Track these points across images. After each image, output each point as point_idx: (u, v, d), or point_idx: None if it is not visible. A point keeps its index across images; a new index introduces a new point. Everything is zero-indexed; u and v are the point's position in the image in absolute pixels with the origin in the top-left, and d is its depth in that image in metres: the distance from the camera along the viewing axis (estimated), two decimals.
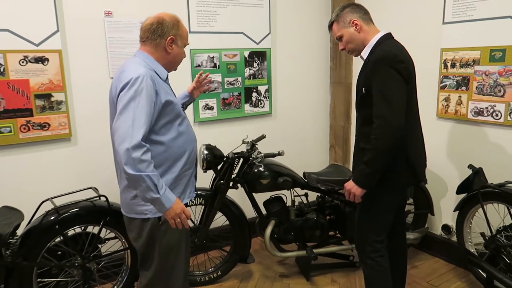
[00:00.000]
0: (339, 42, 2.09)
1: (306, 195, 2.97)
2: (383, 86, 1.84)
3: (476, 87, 2.71)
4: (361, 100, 2.00)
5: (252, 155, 2.69)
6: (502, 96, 2.58)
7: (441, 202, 3.06)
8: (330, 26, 2.10)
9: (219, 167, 2.68)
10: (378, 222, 2.07)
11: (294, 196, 2.88)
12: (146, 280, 1.91)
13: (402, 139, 1.86)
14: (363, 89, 1.95)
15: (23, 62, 2.39)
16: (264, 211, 2.87)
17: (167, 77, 1.88)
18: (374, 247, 2.08)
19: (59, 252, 2.26)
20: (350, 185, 1.98)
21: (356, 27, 1.99)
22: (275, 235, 2.85)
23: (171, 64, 1.89)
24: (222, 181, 2.64)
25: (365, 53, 2.01)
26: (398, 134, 1.83)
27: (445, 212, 3.04)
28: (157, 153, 1.75)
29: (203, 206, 2.74)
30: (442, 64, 2.88)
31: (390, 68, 1.83)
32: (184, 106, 2.26)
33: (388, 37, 2.00)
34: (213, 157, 2.60)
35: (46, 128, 2.51)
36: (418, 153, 2.02)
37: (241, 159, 2.72)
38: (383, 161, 1.87)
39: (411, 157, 1.95)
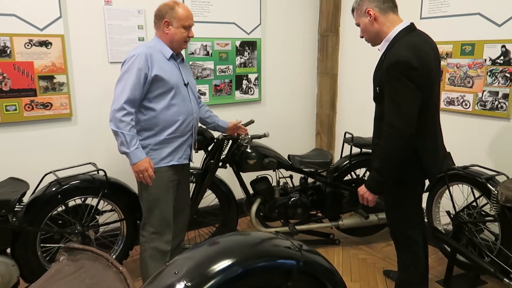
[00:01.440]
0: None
1: (290, 177, 3.18)
2: (394, 94, 1.80)
3: (449, 78, 2.93)
4: (377, 97, 1.98)
5: (240, 137, 2.90)
6: (471, 87, 2.80)
7: None
8: (352, 12, 2.06)
9: (209, 148, 2.88)
10: (404, 211, 2.07)
11: (279, 177, 3.10)
12: (142, 222, 2.37)
13: (412, 148, 1.86)
14: (377, 88, 1.94)
15: (28, 45, 2.57)
16: (251, 191, 3.09)
17: (172, 56, 2.24)
18: (406, 235, 2.09)
19: (60, 221, 2.47)
20: (362, 190, 2.02)
21: (370, 17, 1.92)
22: (261, 213, 3.07)
23: (173, 43, 2.22)
24: (212, 161, 2.84)
25: (382, 47, 1.94)
26: (407, 143, 1.82)
27: None
28: (148, 117, 2.19)
29: (194, 184, 2.95)
30: None
31: (402, 75, 1.76)
32: (215, 128, 2.71)
33: (409, 29, 1.89)
34: (204, 138, 2.80)
35: (48, 108, 2.70)
36: (433, 158, 2.00)
37: (230, 141, 2.92)
38: (392, 168, 1.88)
39: (423, 161, 1.94)
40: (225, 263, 0.94)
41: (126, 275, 0.83)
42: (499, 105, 2.67)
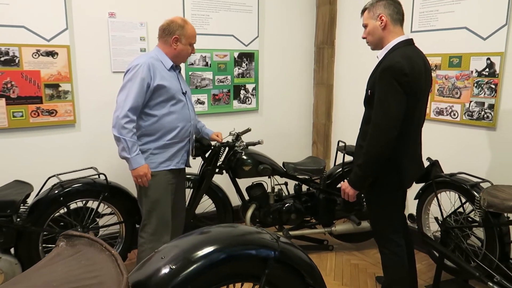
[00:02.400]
0: (364, 29, 2.13)
1: (286, 184, 3.29)
2: (383, 95, 1.91)
3: (438, 89, 3.04)
4: (367, 101, 2.09)
5: (236, 145, 3.01)
6: (458, 97, 2.91)
7: (409, 194, 3.37)
8: (363, 12, 2.12)
9: (206, 155, 2.99)
10: (385, 216, 2.17)
11: (275, 184, 3.20)
12: (141, 224, 2.48)
13: (393, 148, 1.95)
14: (369, 91, 2.04)
15: (35, 55, 2.71)
16: (246, 197, 3.19)
17: (172, 67, 2.39)
18: (389, 238, 2.17)
19: (62, 223, 2.58)
20: (345, 185, 2.13)
21: (381, 23, 2.01)
22: (257, 219, 3.17)
23: (177, 58, 2.39)
24: (209, 167, 2.95)
25: (381, 54, 2.06)
26: (390, 143, 1.92)
27: (411, 202, 3.36)
28: (150, 123, 2.33)
29: (191, 189, 3.05)
30: None
31: (393, 79, 1.88)
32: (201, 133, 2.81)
33: (407, 43, 2.02)
34: (201, 145, 2.90)
35: (53, 115, 2.83)
36: (410, 165, 2.09)
37: (227, 148, 3.03)
38: (373, 165, 1.98)
39: (401, 168, 2.04)
40: (207, 250, 1.04)
41: (117, 257, 0.94)
42: (485, 115, 2.77)
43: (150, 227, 2.42)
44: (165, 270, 0.99)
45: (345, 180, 2.15)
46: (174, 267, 0.99)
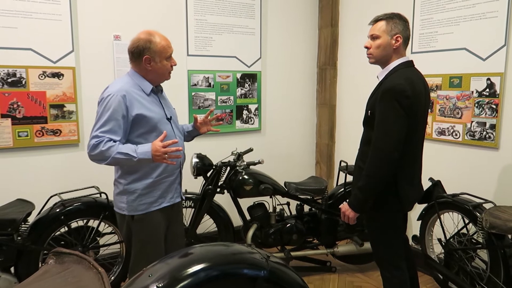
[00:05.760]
0: (370, 40, 2.05)
1: (288, 204, 3.27)
2: (384, 117, 1.90)
3: (439, 109, 3.04)
4: (366, 121, 2.08)
5: (237, 164, 3.02)
6: (460, 118, 2.90)
7: (411, 214, 3.34)
8: (376, 21, 2.04)
9: (208, 174, 3.01)
10: (386, 240, 2.12)
11: (276, 204, 3.19)
12: (130, 266, 2.21)
13: (394, 170, 1.94)
14: (369, 111, 2.03)
15: (41, 77, 2.79)
16: (248, 217, 3.18)
17: (153, 90, 2.07)
18: (391, 262, 2.13)
19: (63, 242, 2.59)
20: (345, 207, 2.09)
21: (396, 43, 1.99)
22: (259, 240, 3.14)
23: (157, 77, 2.07)
24: (210, 187, 2.96)
25: (381, 74, 2.04)
26: (391, 166, 1.91)
27: (415, 223, 3.31)
28: None
29: (193, 209, 3.05)
30: None
31: (395, 101, 1.87)
32: (191, 137, 2.46)
33: (407, 64, 2.02)
34: (203, 165, 2.94)
35: (58, 134, 2.88)
36: (409, 188, 2.04)
37: (228, 167, 3.05)
38: (375, 188, 1.96)
39: (400, 191, 2.01)
40: (194, 268, 1.04)
41: (103, 275, 0.94)
42: (487, 135, 2.75)
43: (140, 268, 2.15)
44: None
45: (345, 203, 2.12)
46: (161, 285, 0.99)
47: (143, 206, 2.07)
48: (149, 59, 2.00)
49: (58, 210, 2.50)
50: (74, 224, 2.59)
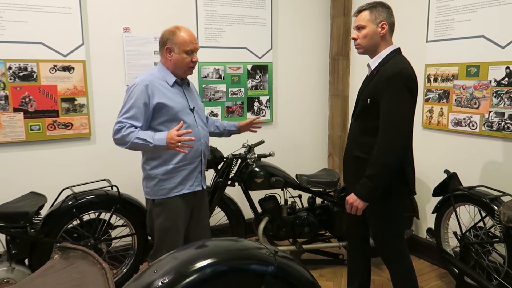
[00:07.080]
0: (356, 31, 2.06)
1: (300, 196, 3.24)
2: (395, 103, 1.87)
3: (455, 99, 2.95)
4: (363, 110, 2.04)
5: (248, 156, 3.00)
6: (477, 108, 2.81)
7: (427, 207, 3.27)
8: (360, 11, 2.05)
9: (219, 167, 2.99)
10: (396, 228, 2.10)
11: (288, 197, 3.16)
12: (152, 251, 2.36)
13: (404, 156, 1.95)
14: (368, 99, 1.98)
15: (52, 70, 2.79)
16: (259, 209, 3.16)
17: (176, 82, 2.22)
18: (398, 250, 2.12)
19: (75, 235, 2.61)
20: (352, 198, 2.01)
21: (382, 30, 1.99)
22: (270, 232, 3.12)
23: (176, 69, 2.20)
24: (221, 179, 2.94)
25: (373, 63, 2.05)
26: (403, 151, 1.92)
27: (430, 216, 3.25)
28: None
29: None
30: (426, 79, 3.14)
31: (404, 86, 1.86)
32: (229, 133, 2.67)
33: (398, 52, 2.04)
34: (214, 157, 2.92)
35: (69, 128, 2.89)
36: (412, 172, 2.06)
37: (239, 160, 3.02)
38: (386, 175, 1.92)
39: (406, 176, 2.01)
40: (200, 264, 1.02)
41: (107, 270, 0.93)
42: (505, 126, 2.66)
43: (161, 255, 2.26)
44: (157, 284, 0.98)
45: (352, 194, 2.05)
46: (166, 281, 0.97)
47: (164, 191, 2.21)
48: (169, 50, 2.16)
49: (70, 203, 2.51)
50: (86, 217, 2.60)
